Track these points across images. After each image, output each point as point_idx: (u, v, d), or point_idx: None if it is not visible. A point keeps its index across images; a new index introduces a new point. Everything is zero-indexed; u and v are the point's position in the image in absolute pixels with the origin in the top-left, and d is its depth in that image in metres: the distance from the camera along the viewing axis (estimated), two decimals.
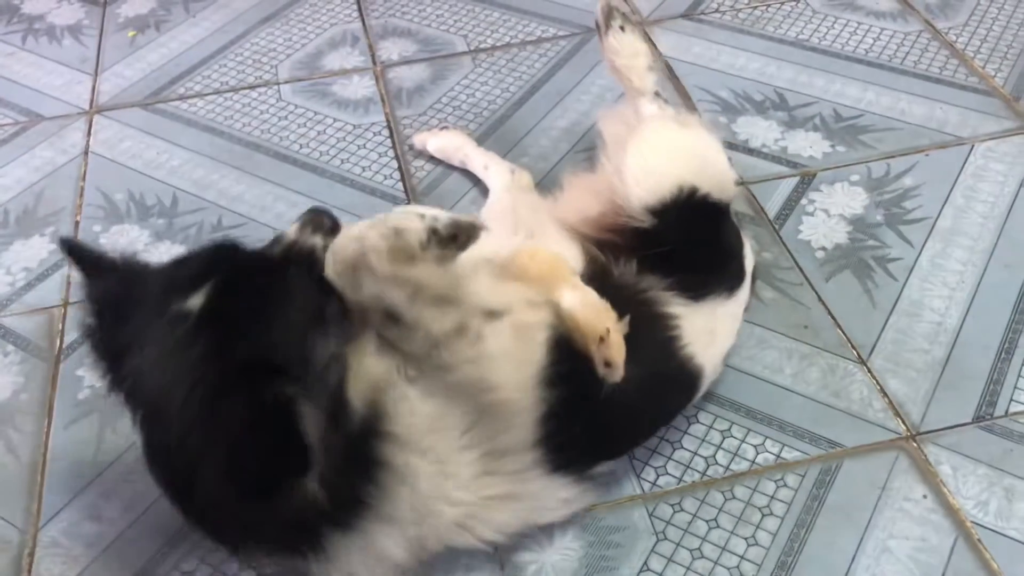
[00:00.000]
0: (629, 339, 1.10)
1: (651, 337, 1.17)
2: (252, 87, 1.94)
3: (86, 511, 1.25)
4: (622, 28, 1.46)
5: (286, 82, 1.95)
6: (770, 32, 2.01)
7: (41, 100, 1.94)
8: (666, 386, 1.22)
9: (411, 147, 1.76)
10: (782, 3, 2.09)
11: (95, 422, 1.35)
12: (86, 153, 1.80)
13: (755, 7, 2.08)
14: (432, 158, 1.74)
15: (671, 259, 1.22)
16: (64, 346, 1.46)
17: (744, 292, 1.33)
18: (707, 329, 1.24)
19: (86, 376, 1.41)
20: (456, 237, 1.01)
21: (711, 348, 1.24)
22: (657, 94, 1.48)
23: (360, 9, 2.15)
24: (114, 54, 2.06)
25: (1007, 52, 1.91)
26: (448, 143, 1.72)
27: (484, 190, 1.64)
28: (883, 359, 1.37)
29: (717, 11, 2.08)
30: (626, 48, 1.47)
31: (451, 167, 1.72)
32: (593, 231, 1.29)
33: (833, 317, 1.43)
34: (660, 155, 1.27)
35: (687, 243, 1.23)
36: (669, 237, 1.22)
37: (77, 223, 1.66)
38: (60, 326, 1.49)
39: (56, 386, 1.40)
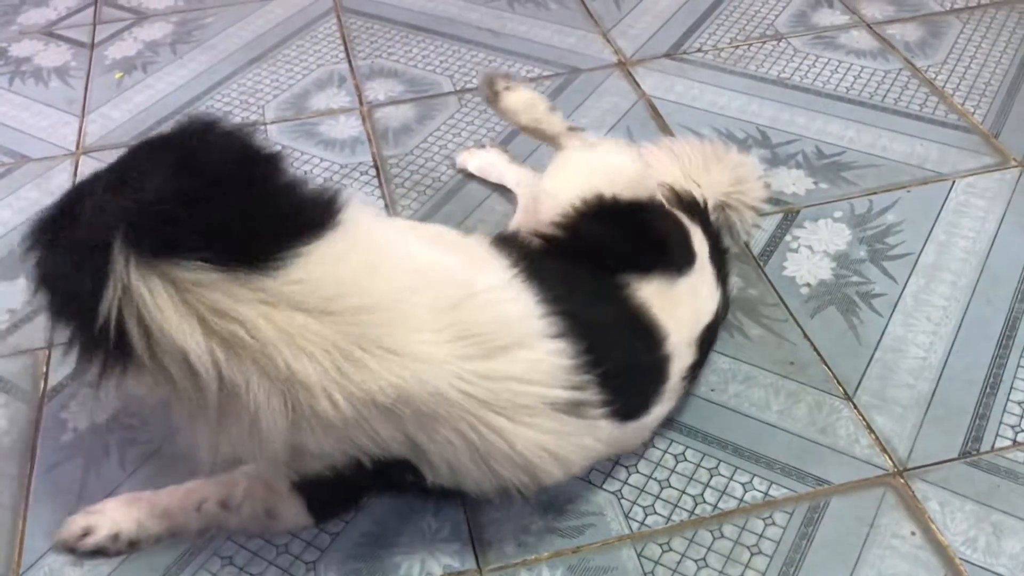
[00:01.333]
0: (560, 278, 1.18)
1: (587, 281, 1.23)
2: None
3: (68, 557, 1.23)
4: (507, 88, 1.50)
5: (273, 122, 1.96)
6: (752, 71, 2.03)
7: (27, 141, 1.95)
8: (621, 325, 1.22)
9: (400, 185, 1.77)
10: (764, 42, 2.12)
11: (79, 466, 1.34)
12: None
13: (737, 46, 2.11)
14: (419, 196, 1.75)
15: (608, 254, 1.26)
16: (48, 389, 1.45)
17: (701, 277, 1.33)
18: (663, 297, 1.25)
19: (70, 419, 1.40)
20: None
21: (672, 314, 1.24)
22: (571, 128, 1.52)
23: (347, 50, 2.16)
24: (101, 95, 2.07)
25: (985, 89, 1.94)
26: (485, 161, 1.78)
27: (472, 223, 1.65)
28: (869, 395, 1.38)
29: (699, 51, 2.10)
30: (520, 104, 1.50)
31: (437, 205, 1.73)
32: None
33: (819, 353, 1.44)
34: (560, 177, 1.37)
35: (609, 240, 1.27)
36: (588, 242, 1.26)
37: None
38: (44, 368, 1.48)
39: (39, 429, 1.39)
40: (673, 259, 1.29)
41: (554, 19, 2.24)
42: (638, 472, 1.29)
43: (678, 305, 1.26)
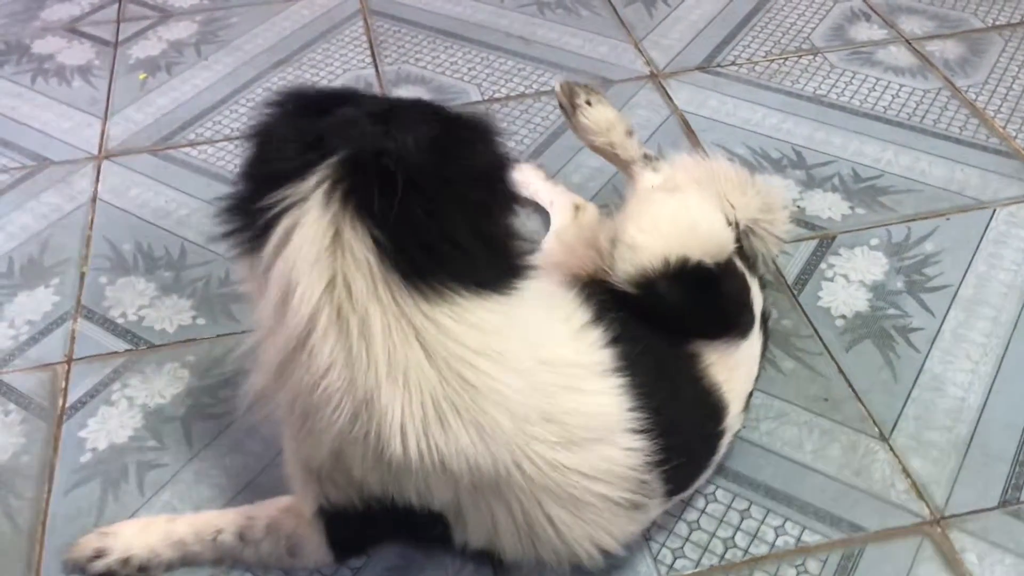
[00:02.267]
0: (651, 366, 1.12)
1: (671, 363, 1.18)
2: None
3: None
4: (588, 103, 1.43)
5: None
6: (787, 87, 1.99)
7: (50, 144, 1.92)
8: (695, 410, 1.19)
9: None
10: (800, 56, 2.07)
11: (96, 488, 1.32)
12: (94, 200, 1.78)
13: (772, 60, 2.06)
14: None
15: (678, 319, 1.20)
16: (67, 405, 1.42)
17: (756, 334, 1.30)
18: (726, 365, 1.22)
19: (89, 438, 1.38)
20: None
21: (732, 383, 1.22)
22: (646, 156, 1.47)
23: (373, 55, 2.13)
24: (124, 97, 2.04)
25: None
26: (519, 178, 1.71)
27: None
28: (905, 436, 1.34)
29: (733, 64, 2.06)
30: (600, 123, 1.44)
31: None
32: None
33: (854, 390, 1.40)
34: (644, 230, 1.23)
35: (686, 307, 1.21)
36: (663, 304, 1.19)
37: (83, 275, 1.63)
38: (63, 384, 1.45)
39: (58, 449, 1.37)
40: (740, 326, 1.25)
41: (585, 26, 2.19)
42: (667, 512, 1.26)
43: (737, 370, 1.22)
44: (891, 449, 1.33)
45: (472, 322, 0.95)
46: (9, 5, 2.36)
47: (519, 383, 0.99)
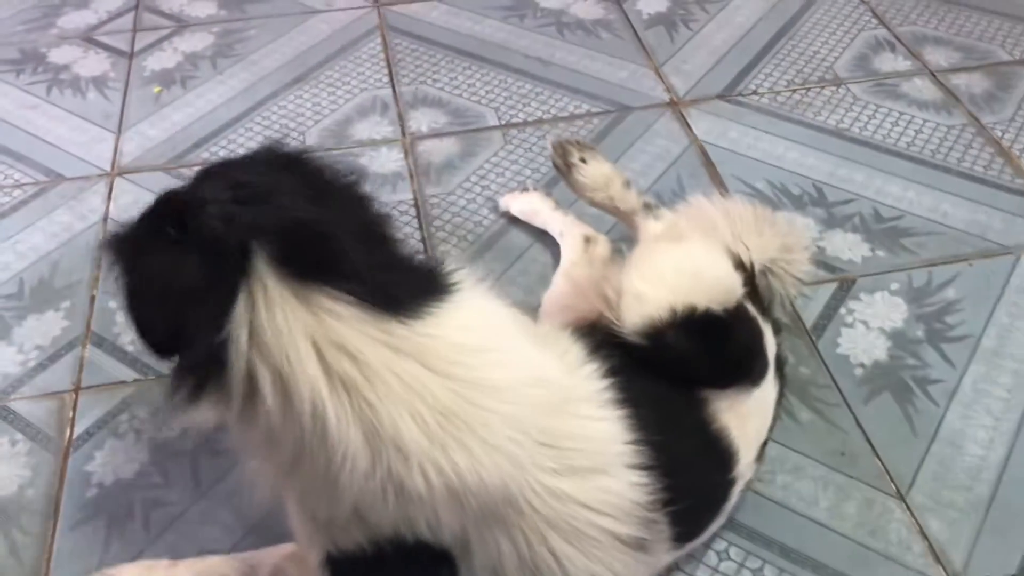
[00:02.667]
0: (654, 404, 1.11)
1: (677, 405, 1.16)
2: None
3: None
4: (583, 160, 1.42)
5: (314, 151, 1.90)
6: (809, 119, 1.96)
7: (62, 159, 1.90)
8: (702, 453, 1.17)
9: (441, 228, 1.72)
10: (822, 87, 2.04)
11: (102, 526, 1.30)
12: (105, 220, 1.76)
13: (794, 90, 2.03)
14: (459, 242, 1.69)
15: (688, 370, 1.18)
16: (74, 437, 1.41)
17: (770, 380, 1.27)
18: (736, 413, 1.19)
19: (95, 472, 1.36)
20: None
21: (743, 431, 1.20)
22: (647, 205, 1.46)
23: (391, 74, 2.11)
24: (138, 111, 2.02)
25: None
26: (528, 206, 1.71)
27: (513, 275, 1.59)
28: (923, 495, 1.32)
29: (755, 93, 2.03)
30: (596, 179, 1.43)
31: (477, 253, 1.67)
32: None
33: (871, 445, 1.38)
34: (649, 279, 1.22)
35: (696, 356, 1.18)
36: (672, 355, 1.17)
37: (93, 298, 1.62)
38: (71, 413, 1.44)
39: (63, 483, 1.35)
40: (751, 373, 1.22)
41: (605, 49, 2.17)
42: (680, 570, 1.24)
43: (749, 419, 1.20)
44: (908, 508, 1.30)
45: (449, 327, 0.97)
46: (27, 12, 2.34)
47: (518, 378, 1.00)
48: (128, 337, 1.55)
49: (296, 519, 1.10)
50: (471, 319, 1.00)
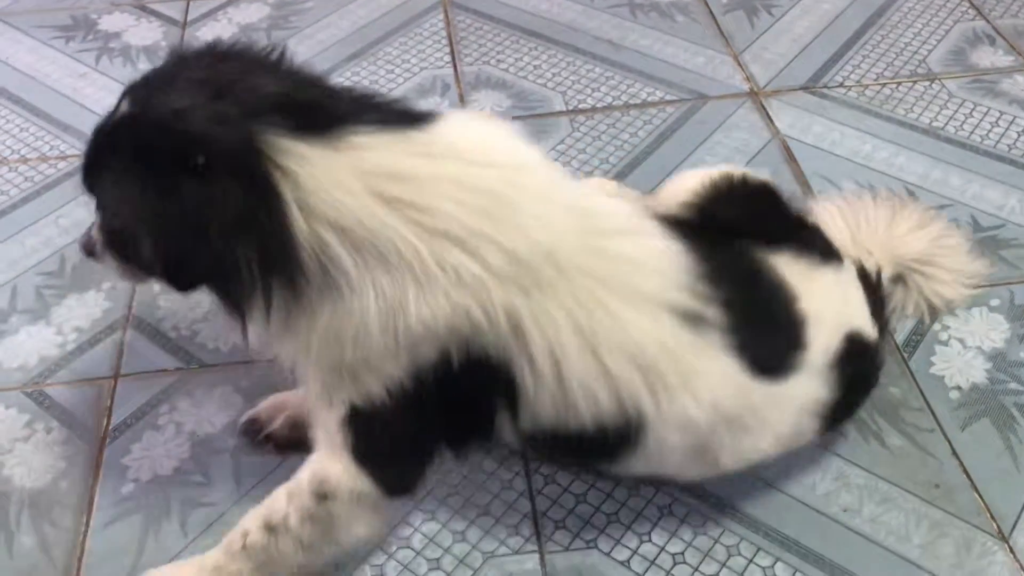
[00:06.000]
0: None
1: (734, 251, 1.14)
2: None
3: None
4: None
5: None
6: (900, 115, 1.82)
7: None
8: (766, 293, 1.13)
9: None
10: (914, 82, 1.90)
11: (137, 524, 1.22)
12: None
13: (884, 84, 1.89)
14: None
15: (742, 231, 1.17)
16: (111, 427, 1.33)
17: (848, 274, 1.23)
18: (804, 276, 1.15)
19: (132, 466, 1.29)
20: None
21: (811, 300, 1.13)
22: None
23: (453, 53, 2.00)
24: None
25: None
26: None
27: None
28: None
29: (841, 85, 1.89)
30: None
31: None
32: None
33: (969, 478, 1.26)
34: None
35: (747, 217, 1.19)
36: (718, 221, 1.17)
37: None
38: (109, 402, 1.36)
39: (99, 476, 1.28)
40: (813, 240, 1.19)
41: (680, 33, 2.04)
42: None
43: (814, 283, 1.14)
44: (1011, 551, 1.18)
45: (466, 127, 1.03)
46: None
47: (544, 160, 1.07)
48: (171, 323, 1.47)
49: (314, 382, 1.03)
50: (472, 125, 1.05)
